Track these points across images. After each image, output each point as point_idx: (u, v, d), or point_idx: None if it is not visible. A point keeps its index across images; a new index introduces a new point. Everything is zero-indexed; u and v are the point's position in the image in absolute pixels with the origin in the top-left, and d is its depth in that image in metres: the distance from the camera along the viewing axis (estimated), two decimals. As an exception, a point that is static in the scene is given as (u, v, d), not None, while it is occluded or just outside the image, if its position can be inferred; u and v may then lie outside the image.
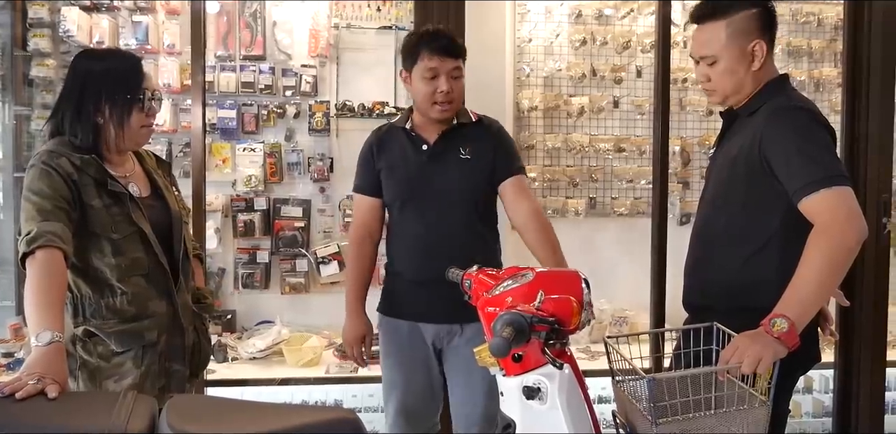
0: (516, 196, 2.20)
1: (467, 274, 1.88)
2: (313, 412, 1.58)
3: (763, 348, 1.58)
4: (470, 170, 2.18)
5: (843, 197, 1.66)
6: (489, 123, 2.28)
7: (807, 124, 1.76)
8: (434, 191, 2.19)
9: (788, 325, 1.57)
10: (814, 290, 1.61)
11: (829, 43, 3.71)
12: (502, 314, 1.44)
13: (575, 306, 1.52)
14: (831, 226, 1.62)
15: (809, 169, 1.69)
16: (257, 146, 3.42)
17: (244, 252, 3.46)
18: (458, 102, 2.19)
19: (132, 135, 1.92)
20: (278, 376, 3.01)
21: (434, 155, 2.19)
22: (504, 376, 1.60)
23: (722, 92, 1.88)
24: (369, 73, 3.55)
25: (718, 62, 1.83)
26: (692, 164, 3.69)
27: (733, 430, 1.63)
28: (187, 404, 1.53)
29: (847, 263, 1.62)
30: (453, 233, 2.18)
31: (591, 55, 3.60)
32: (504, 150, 2.24)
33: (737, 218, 1.88)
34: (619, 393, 1.78)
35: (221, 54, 3.42)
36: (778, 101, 1.81)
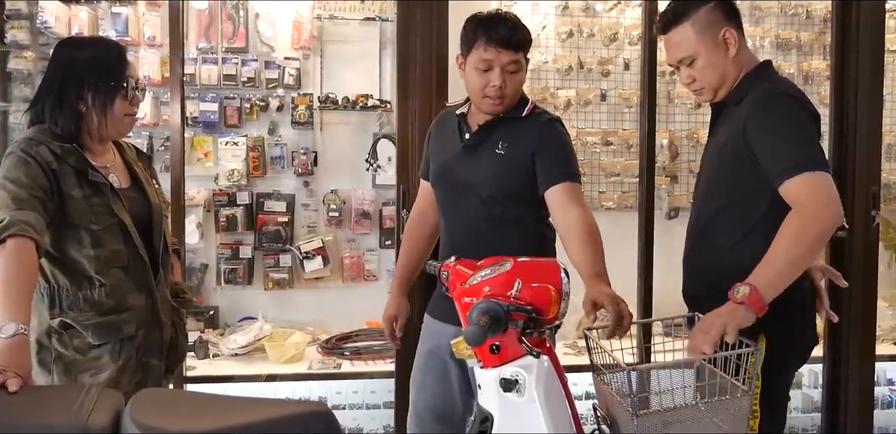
0: (563, 206, 1.96)
1: (445, 265, 1.85)
2: (285, 406, 1.54)
3: (726, 317, 1.59)
4: (501, 166, 2.03)
5: (822, 182, 1.67)
6: (540, 120, 2.07)
7: (790, 110, 1.78)
8: (463, 183, 2.09)
9: (750, 290, 1.59)
10: (782, 263, 1.63)
11: (818, 36, 3.68)
12: (478, 302, 1.41)
13: (554, 295, 1.49)
14: (808, 207, 1.64)
15: (790, 153, 1.71)
16: (240, 140, 3.37)
17: (227, 247, 3.41)
18: (513, 98, 2.04)
19: (115, 123, 1.89)
20: (260, 372, 2.97)
21: (469, 146, 2.08)
22: (481, 368, 1.57)
23: (710, 87, 1.91)
24: (354, 65, 3.50)
25: (697, 59, 1.88)
26: (680, 158, 3.66)
27: (716, 421, 1.59)
28: (154, 398, 1.49)
29: (818, 242, 1.65)
30: (481, 231, 2.08)
31: (577, 48, 3.56)
32: (551, 152, 2.02)
33: (725, 205, 1.90)
34: (600, 386, 1.75)
35: (203, 47, 3.37)
36: (762, 88, 1.83)
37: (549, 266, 1.58)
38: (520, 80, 2.04)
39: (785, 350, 1.79)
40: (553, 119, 2.11)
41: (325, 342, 3.25)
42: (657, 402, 1.66)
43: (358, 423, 3.24)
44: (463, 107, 2.15)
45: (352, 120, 3.49)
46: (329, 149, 3.50)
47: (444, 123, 2.23)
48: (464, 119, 2.13)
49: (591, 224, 1.93)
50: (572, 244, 1.92)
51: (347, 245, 3.51)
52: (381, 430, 3.20)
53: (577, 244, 1.90)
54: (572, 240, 1.92)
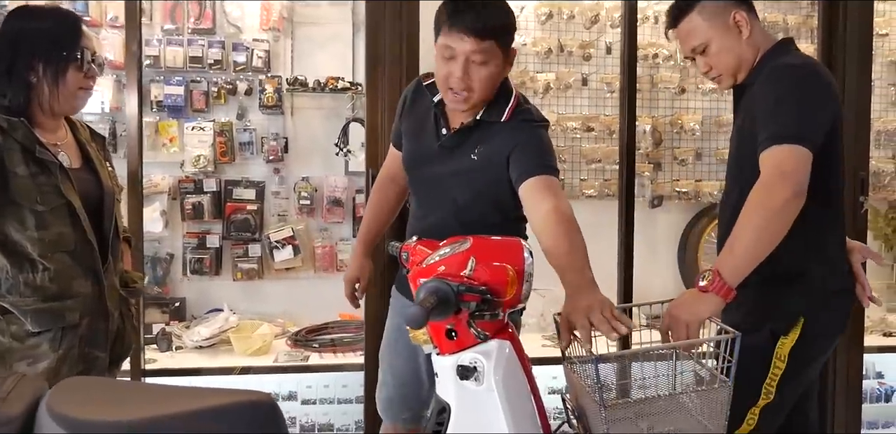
0: (536, 198, 1.72)
1: (405, 246, 1.74)
2: (223, 395, 1.41)
3: (686, 311, 1.55)
4: (475, 173, 1.85)
5: (789, 155, 1.60)
6: (521, 125, 1.83)
7: (797, 80, 1.71)
8: (437, 182, 1.94)
9: (713, 275, 1.55)
10: (744, 243, 1.58)
11: (806, 19, 3.57)
12: (426, 282, 1.29)
13: (511, 275, 1.37)
14: (762, 182, 1.60)
15: (777, 123, 1.65)
16: (207, 125, 3.24)
17: (193, 236, 3.29)
18: (481, 94, 1.78)
19: (68, 96, 1.79)
20: (224, 365, 2.84)
21: (445, 148, 1.89)
22: (438, 355, 1.46)
23: (728, 72, 1.86)
24: (326, 47, 3.38)
25: (710, 45, 1.84)
26: (664, 144, 3.55)
27: (694, 413, 1.48)
28: (78, 387, 1.37)
29: (777, 218, 1.57)
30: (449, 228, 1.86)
31: (557, 30, 3.45)
32: (526, 149, 1.79)
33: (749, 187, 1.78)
34: (570, 375, 1.64)
35: (168, 28, 3.24)
36: (778, 61, 1.78)
37: (511, 245, 1.47)
38: (489, 74, 1.75)
39: (819, 336, 1.75)
40: (534, 120, 1.86)
41: (295, 334, 3.13)
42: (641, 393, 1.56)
43: (329, 419, 3.12)
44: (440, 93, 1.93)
45: (324, 104, 3.36)
46: (300, 134, 3.38)
47: (420, 100, 2.00)
48: (441, 111, 1.92)
49: (567, 214, 1.66)
50: (545, 239, 1.64)
51: (319, 234, 3.38)
52: (352, 425, 3.09)
53: (550, 239, 1.62)
54: (545, 234, 1.64)
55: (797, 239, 1.69)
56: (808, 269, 1.77)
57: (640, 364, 1.51)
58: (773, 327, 1.75)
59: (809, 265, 1.77)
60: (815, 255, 1.77)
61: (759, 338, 1.74)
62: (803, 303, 1.75)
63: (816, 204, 1.72)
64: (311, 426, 3.10)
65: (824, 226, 1.79)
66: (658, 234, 3.63)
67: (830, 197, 1.80)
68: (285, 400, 3.14)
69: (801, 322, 1.72)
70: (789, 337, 1.73)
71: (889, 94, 3.75)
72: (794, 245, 1.69)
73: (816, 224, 1.75)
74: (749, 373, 1.74)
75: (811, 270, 1.77)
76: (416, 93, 2.02)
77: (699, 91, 3.53)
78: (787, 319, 1.73)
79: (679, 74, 3.50)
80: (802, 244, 1.73)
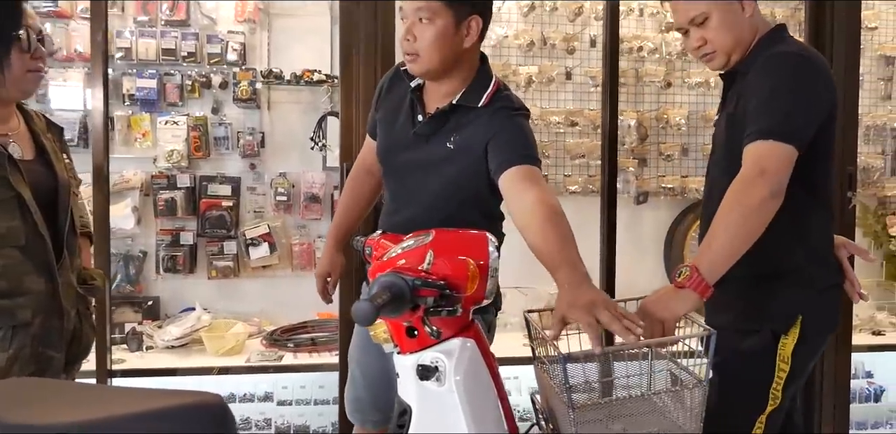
0: (518, 189, 1.63)
1: (369, 240, 1.67)
2: (171, 397, 1.34)
3: (662, 308, 1.48)
4: (451, 163, 1.78)
5: (773, 152, 1.55)
6: (499, 113, 1.76)
7: (795, 71, 1.64)
8: (410, 173, 1.86)
9: (691, 271, 1.49)
10: (722, 240, 1.52)
11: (794, 12, 3.51)
12: (380, 276, 1.22)
13: (472, 269, 1.29)
14: (740, 178, 1.55)
15: (769, 116, 1.59)
16: (180, 119, 3.16)
17: (167, 233, 3.20)
18: (430, 57, 1.72)
19: (16, 80, 1.70)
20: (194, 365, 2.76)
21: (420, 135, 1.82)
22: (399, 354, 1.38)
23: (723, 49, 1.75)
24: (304, 40, 3.30)
25: (711, 18, 1.73)
26: (650, 140, 3.48)
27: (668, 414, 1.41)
28: (20, 388, 1.30)
29: (752, 220, 1.52)
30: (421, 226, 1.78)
31: (540, 22, 3.37)
32: (505, 138, 1.72)
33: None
34: (540, 375, 1.57)
35: (141, 19, 3.16)
36: (777, 48, 1.69)
37: (475, 238, 1.39)
38: (435, 33, 1.69)
39: (816, 333, 1.71)
40: (513, 108, 1.78)
41: (270, 334, 3.05)
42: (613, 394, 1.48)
43: (305, 420, 3.05)
44: (418, 78, 1.86)
45: (302, 98, 3.29)
46: (277, 129, 3.30)
47: (396, 87, 1.93)
48: (418, 96, 1.86)
49: (554, 206, 1.56)
50: (531, 233, 1.54)
51: (297, 231, 3.30)
52: (329, 427, 3.01)
53: (537, 233, 1.52)
54: (531, 228, 1.54)
55: (788, 235, 1.66)
56: (800, 265, 1.71)
57: (612, 364, 1.44)
58: (773, 327, 1.69)
59: (801, 261, 1.71)
60: (806, 251, 1.72)
61: (759, 340, 1.69)
62: (800, 300, 1.70)
63: (807, 198, 1.68)
64: (286, 427, 3.03)
65: (815, 221, 1.74)
66: (644, 230, 3.56)
67: (821, 191, 1.75)
68: (261, 401, 3.07)
69: (799, 320, 1.67)
70: (790, 336, 1.67)
71: (879, 89, 3.69)
72: (784, 241, 1.66)
73: (807, 219, 1.71)
74: (754, 379, 1.70)
75: (803, 267, 1.71)
76: (394, 78, 1.95)
77: (685, 85, 3.46)
78: (786, 318, 1.68)
79: (665, 68, 3.43)
80: (793, 240, 1.69)
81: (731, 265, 1.52)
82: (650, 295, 1.54)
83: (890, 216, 3.59)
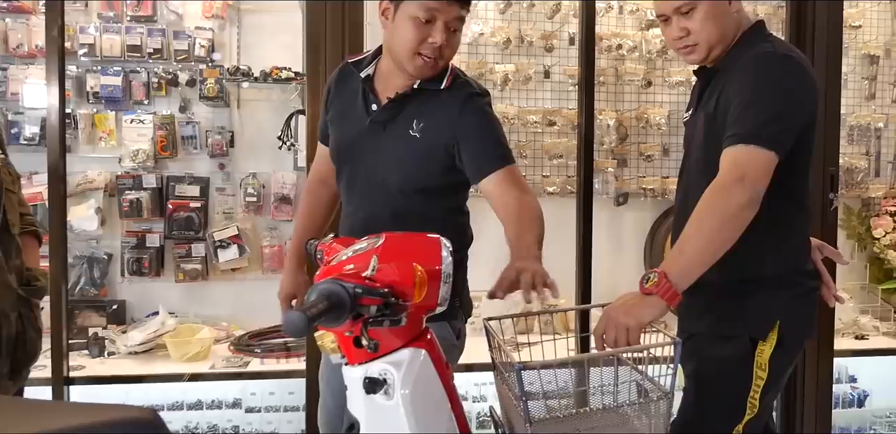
0: (501, 192, 1.66)
1: (321, 244, 1.58)
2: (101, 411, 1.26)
3: (627, 315, 1.41)
4: (414, 152, 1.71)
5: (754, 158, 1.49)
6: (461, 94, 1.73)
7: (780, 74, 1.57)
8: (366, 169, 1.77)
9: (659, 277, 1.42)
10: (694, 246, 1.46)
11: (776, 10, 3.44)
12: (318, 284, 1.13)
13: (420, 275, 1.21)
14: (717, 183, 1.49)
15: (751, 119, 1.52)
16: (147, 117, 3.07)
17: (133, 235, 3.11)
18: (449, 61, 1.73)
19: None
20: (156, 372, 2.67)
21: (377, 123, 1.75)
22: (346, 365, 1.30)
23: (706, 42, 1.67)
24: (275, 37, 3.21)
25: (697, 8, 1.66)
26: (630, 140, 3.41)
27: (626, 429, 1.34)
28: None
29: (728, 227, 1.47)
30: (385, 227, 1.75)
31: (518, 20, 3.30)
32: (478, 135, 1.70)
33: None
34: (500, 386, 1.49)
35: (105, 14, 3.07)
36: (761, 48, 1.62)
37: (427, 242, 1.31)
38: (459, 40, 1.74)
39: (794, 339, 1.66)
40: (475, 93, 1.77)
41: (238, 339, 2.96)
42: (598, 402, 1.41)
43: (274, 427, 2.97)
44: (369, 67, 1.80)
45: (272, 96, 3.20)
46: (247, 128, 3.21)
47: (345, 83, 1.86)
48: (370, 85, 1.79)
49: (532, 205, 1.65)
50: (507, 225, 1.65)
51: (267, 233, 3.21)
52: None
53: (512, 224, 1.63)
54: (508, 221, 1.65)
55: (765, 239, 1.60)
56: (778, 270, 1.66)
57: (572, 374, 1.36)
58: (750, 334, 1.63)
59: (779, 266, 1.66)
60: (784, 255, 1.67)
61: (736, 347, 1.63)
62: (778, 305, 1.64)
63: (785, 202, 1.63)
64: (254, 435, 2.94)
65: (793, 225, 1.68)
66: (624, 232, 3.49)
67: (799, 194, 1.69)
68: (229, 407, 2.99)
69: (777, 325, 1.62)
70: (768, 343, 1.62)
71: (863, 88, 3.63)
72: (762, 246, 1.60)
73: (785, 223, 1.65)
74: (731, 387, 1.64)
75: (781, 272, 1.66)
76: (341, 76, 1.88)
77: (666, 84, 3.39)
78: (764, 324, 1.62)
79: (645, 67, 3.36)
80: (771, 245, 1.63)
81: (701, 273, 1.46)
82: (615, 300, 1.47)
83: (874, 218, 3.53)
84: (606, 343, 1.41)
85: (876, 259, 3.53)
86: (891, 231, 3.47)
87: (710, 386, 1.67)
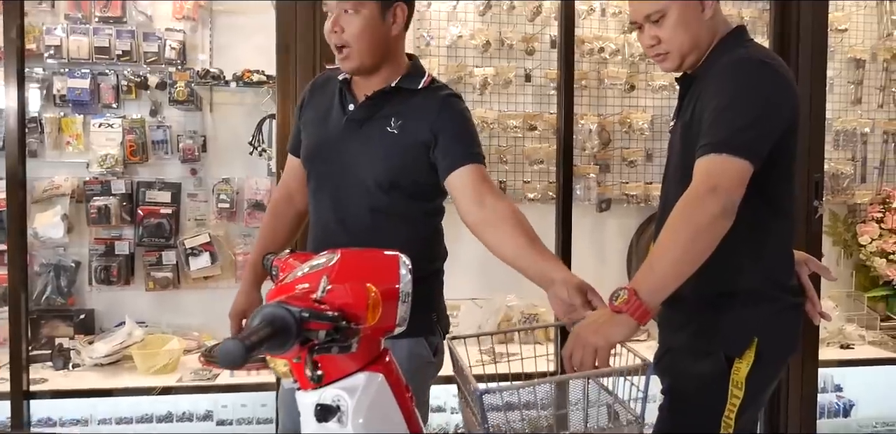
0: (473, 192, 1.64)
1: (276, 259, 1.50)
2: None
3: (595, 334, 1.34)
4: (393, 148, 1.69)
5: (727, 168, 1.42)
6: (439, 95, 1.73)
7: (757, 81, 1.51)
8: (342, 167, 1.73)
9: (629, 294, 1.35)
10: (667, 260, 1.39)
11: (762, 13, 3.39)
12: (262, 307, 1.05)
13: (374, 297, 1.13)
14: (690, 193, 1.42)
15: (721, 127, 1.46)
16: (115, 121, 2.99)
17: (101, 242, 3.02)
18: (361, 49, 1.66)
19: None
20: (120, 386, 2.58)
21: (354, 120, 1.72)
22: (299, 390, 1.22)
23: (678, 50, 1.62)
24: (249, 39, 3.13)
25: (667, 16, 1.61)
26: (612, 145, 3.34)
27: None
28: None
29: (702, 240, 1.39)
30: (360, 227, 1.72)
31: (498, 22, 3.23)
32: (453, 131, 1.70)
33: None
34: (465, 410, 1.42)
35: (73, 15, 2.98)
36: (736, 54, 1.56)
37: (384, 260, 1.23)
38: (363, 24, 1.65)
39: (773, 357, 1.58)
40: (453, 94, 1.77)
41: (209, 350, 2.86)
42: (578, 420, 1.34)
43: (246, 441, 2.88)
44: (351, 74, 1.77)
45: (245, 100, 3.12)
46: (220, 132, 3.13)
47: (322, 89, 1.84)
48: (347, 87, 1.76)
49: (517, 211, 1.64)
50: (498, 236, 1.60)
51: (241, 240, 3.13)
52: (270, 447, 2.84)
53: (507, 235, 1.59)
54: (498, 231, 1.60)
55: (743, 251, 1.54)
56: (757, 284, 1.59)
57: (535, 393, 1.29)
58: (725, 350, 1.57)
59: (758, 280, 1.59)
60: (764, 268, 1.59)
61: (711, 364, 1.57)
62: (756, 321, 1.57)
63: (765, 211, 1.57)
64: (226, 449, 2.86)
65: (774, 235, 1.61)
66: (606, 239, 3.43)
67: (781, 203, 1.62)
68: (200, 420, 2.89)
69: (754, 342, 1.54)
70: (744, 360, 1.55)
71: (849, 93, 3.58)
72: (740, 258, 1.54)
73: (765, 234, 1.58)
74: (705, 404, 1.57)
75: (760, 286, 1.59)
76: (317, 83, 1.87)
77: (649, 88, 3.33)
78: (740, 341, 1.55)
79: (627, 70, 3.30)
80: (749, 256, 1.56)
81: (674, 288, 1.38)
82: (584, 319, 1.40)
83: (860, 225, 3.48)
84: (574, 365, 1.34)
85: (862, 266, 3.48)
86: (877, 238, 3.42)
87: (685, 403, 1.62)
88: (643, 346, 1.67)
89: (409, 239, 1.71)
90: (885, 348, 3.19)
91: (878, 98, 3.59)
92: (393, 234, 1.72)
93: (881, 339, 3.25)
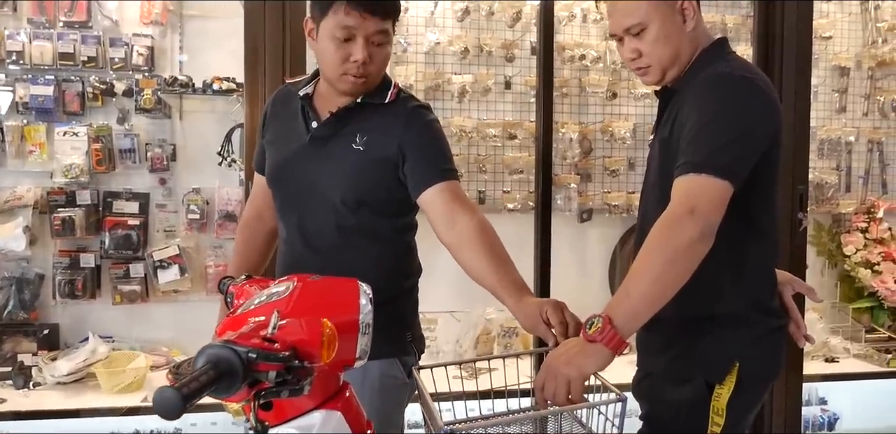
0: (446, 210, 1.60)
1: (233, 285, 1.42)
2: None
3: (568, 365, 1.28)
4: (359, 166, 1.64)
5: (707, 189, 1.36)
6: (406, 107, 1.68)
7: (734, 96, 1.45)
8: (308, 186, 1.67)
9: (603, 323, 1.29)
10: (643, 286, 1.33)
11: (745, 19, 3.33)
12: (204, 347, 0.97)
13: (328, 333, 1.05)
14: (668, 215, 1.35)
15: (700, 146, 1.40)
16: (81, 129, 2.88)
17: (66, 255, 2.91)
18: (378, 76, 1.66)
19: None
20: (81, 406, 2.48)
21: (318, 138, 1.67)
22: (250, 430, 1.13)
23: (659, 63, 1.56)
24: (220, 45, 3.03)
25: (648, 29, 1.55)
26: (594, 154, 3.28)
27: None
28: None
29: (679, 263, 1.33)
30: (329, 246, 1.67)
31: (477, 28, 3.15)
32: (422, 147, 1.65)
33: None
34: (432, 443, 1.33)
35: (36, 20, 2.87)
36: (717, 68, 1.50)
37: (343, 289, 1.15)
38: (386, 54, 1.65)
39: (755, 382, 1.53)
40: (422, 106, 1.73)
41: (177, 367, 2.76)
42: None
43: (216, 461, 2.78)
44: (308, 86, 1.72)
45: (217, 108, 3.02)
46: (190, 141, 3.03)
47: (284, 105, 1.79)
48: (310, 103, 1.70)
49: (489, 228, 1.60)
50: (466, 257, 1.57)
51: (211, 252, 3.03)
52: (240, 468, 2.74)
53: (477, 255, 1.55)
54: (466, 252, 1.57)
55: (723, 272, 1.48)
56: (737, 306, 1.53)
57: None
58: (706, 376, 1.51)
59: (739, 302, 1.53)
60: (745, 290, 1.54)
61: (691, 390, 1.51)
62: (737, 345, 1.51)
63: (746, 231, 1.51)
64: (195, 469, 2.76)
65: (755, 256, 1.55)
66: (588, 250, 3.36)
67: (762, 222, 1.56)
68: (169, 439, 2.80)
69: (736, 367, 1.49)
70: (725, 386, 1.49)
71: (833, 101, 3.54)
72: (719, 279, 1.49)
73: (746, 254, 1.53)
74: (685, 432, 1.51)
75: (740, 308, 1.53)
76: (277, 99, 1.82)
77: (631, 96, 3.27)
78: (721, 366, 1.50)
79: (609, 78, 3.24)
80: (730, 278, 1.51)
81: (651, 315, 1.32)
82: (556, 349, 1.33)
83: (845, 234, 3.43)
84: (546, 397, 1.27)
85: (847, 277, 3.43)
86: (862, 248, 3.37)
87: (664, 430, 1.56)
88: (625, 361, 1.61)
89: (380, 256, 1.69)
90: (871, 362, 3.13)
91: (863, 106, 3.55)
92: (362, 252, 1.67)
93: (866, 352, 3.20)
